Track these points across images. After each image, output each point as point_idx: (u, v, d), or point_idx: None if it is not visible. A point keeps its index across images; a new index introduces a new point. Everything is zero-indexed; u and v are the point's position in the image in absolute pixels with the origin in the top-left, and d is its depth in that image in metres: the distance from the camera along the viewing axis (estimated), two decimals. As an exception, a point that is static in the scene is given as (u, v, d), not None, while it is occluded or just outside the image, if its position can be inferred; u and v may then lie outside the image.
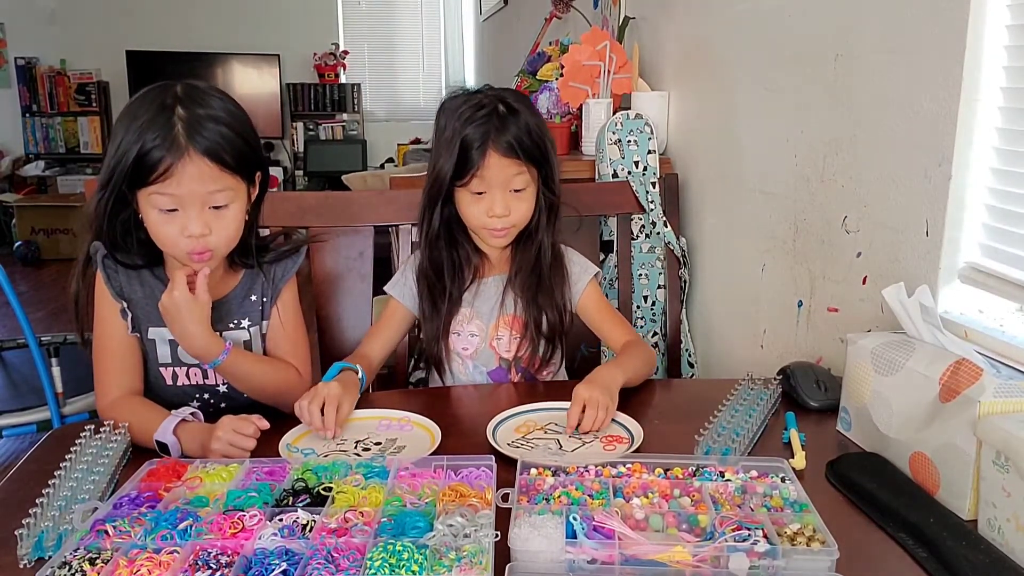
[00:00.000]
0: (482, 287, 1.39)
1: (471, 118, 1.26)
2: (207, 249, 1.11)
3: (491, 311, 1.38)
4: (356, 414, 1.16)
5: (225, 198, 1.11)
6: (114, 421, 1.04)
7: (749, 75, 1.63)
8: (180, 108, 1.07)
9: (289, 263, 1.27)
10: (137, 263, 1.18)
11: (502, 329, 1.38)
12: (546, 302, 1.36)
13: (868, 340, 1.05)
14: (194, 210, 1.08)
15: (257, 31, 6.49)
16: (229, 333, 1.22)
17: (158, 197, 1.07)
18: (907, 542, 0.83)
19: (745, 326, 1.68)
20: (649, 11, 2.20)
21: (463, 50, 6.30)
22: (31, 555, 0.79)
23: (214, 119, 1.08)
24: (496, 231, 1.31)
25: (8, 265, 2.63)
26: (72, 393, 2.46)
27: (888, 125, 1.19)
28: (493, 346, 1.39)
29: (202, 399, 1.23)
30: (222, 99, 1.12)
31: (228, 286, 1.24)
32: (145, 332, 1.19)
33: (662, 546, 0.75)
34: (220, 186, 1.09)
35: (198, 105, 1.08)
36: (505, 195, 1.28)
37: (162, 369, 1.21)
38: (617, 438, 1.08)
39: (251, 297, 1.24)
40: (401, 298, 1.40)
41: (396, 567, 0.72)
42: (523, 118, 1.27)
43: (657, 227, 1.83)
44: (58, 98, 6.40)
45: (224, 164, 1.08)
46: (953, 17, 1.05)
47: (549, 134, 1.33)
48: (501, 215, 1.28)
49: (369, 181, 5.08)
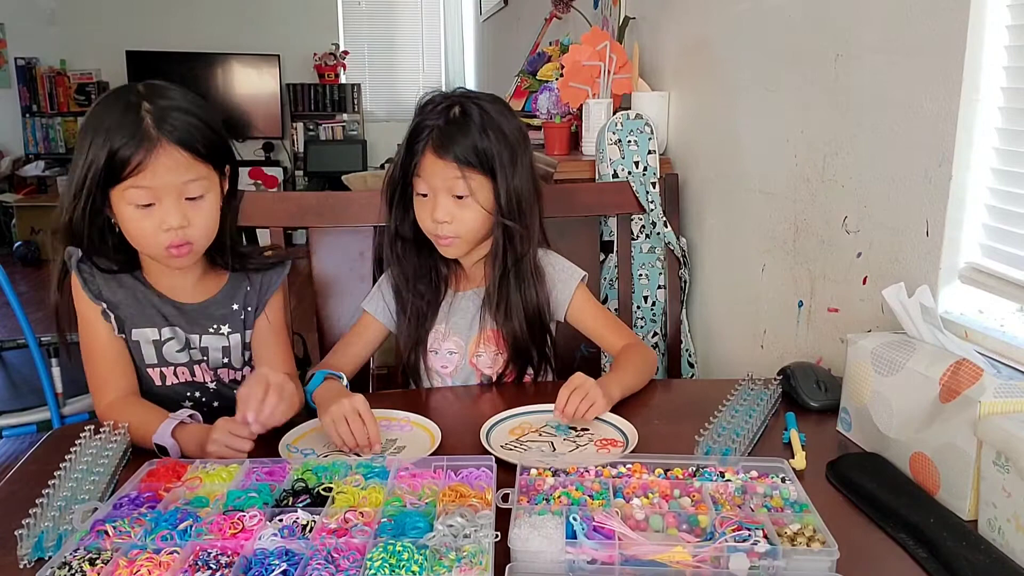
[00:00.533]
0: (457, 301, 1.35)
1: (422, 114, 1.25)
2: (186, 242, 1.11)
3: (469, 327, 1.34)
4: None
5: (200, 188, 1.11)
6: (115, 422, 1.04)
7: (749, 75, 1.63)
8: (146, 103, 1.07)
9: (275, 275, 1.26)
10: (113, 268, 1.17)
11: (483, 345, 1.34)
12: (525, 317, 1.31)
13: (868, 340, 1.05)
14: (170, 201, 1.08)
15: (257, 31, 6.49)
16: (208, 338, 1.21)
17: (134, 192, 1.07)
18: (907, 542, 0.83)
19: (745, 326, 1.68)
20: (649, 11, 2.20)
21: (463, 50, 6.30)
22: (31, 555, 0.79)
23: (181, 109, 1.09)
24: (441, 238, 1.26)
25: (8, 265, 2.63)
26: (72, 393, 2.45)
27: (888, 125, 1.19)
28: (474, 363, 1.35)
29: (193, 397, 1.23)
30: (184, 92, 1.13)
31: (210, 290, 1.23)
32: (129, 334, 1.18)
33: (662, 546, 0.75)
34: (194, 175, 1.09)
35: (162, 98, 1.09)
36: (448, 200, 1.23)
37: (150, 370, 1.20)
38: (611, 441, 1.08)
39: (233, 306, 1.23)
40: (375, 312, 1.35)
41: (396, 567, 0.72)
42: (474, 125, 1.21)
43: (657, 227, 1.83)
44: (58, 98, 6.40)
45: (196, 152, 1.09)
46: (953, 17, 1.05)
47: (513, 145, 1.24)
48: (442, 220, 1.23)
49: (369, 181, 5.08)
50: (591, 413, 1.11)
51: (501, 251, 1.28)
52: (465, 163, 1.21)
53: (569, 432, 1.10)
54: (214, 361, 1.23)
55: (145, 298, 1.19)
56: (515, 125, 1.27)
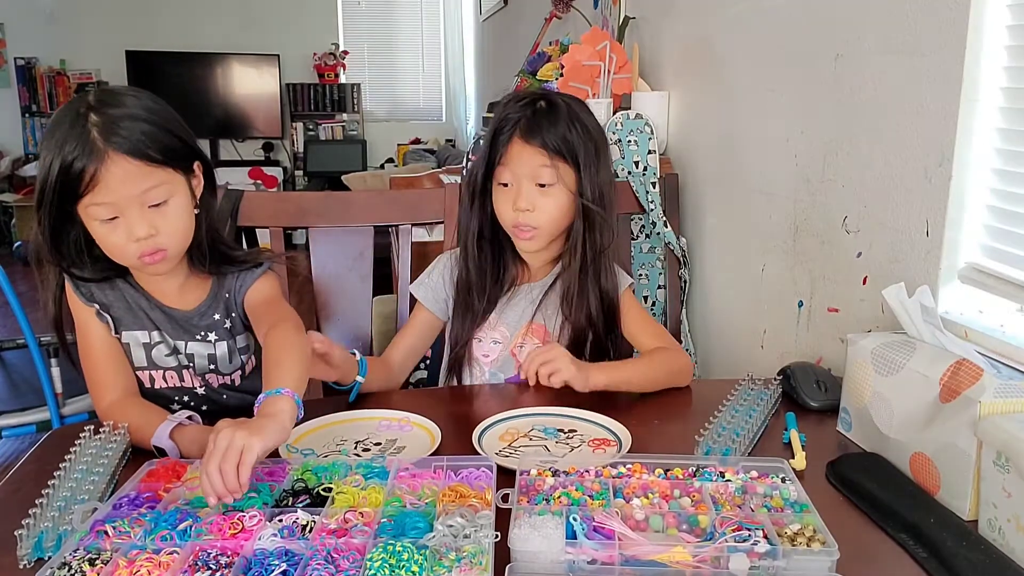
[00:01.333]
0: (515, 294, 1.37)
1: (505, 109, 1.26)
2: (158, 249, 1.09)
3: (519, 318, 1.35)
4: (356, 414, 1.16)
5: (162, 194, 1.07)
6: (115, 422, 1.04)
7: (749, 75, 1.63)
8: (93, 115, 1.03)
9: (247, 276, 1.23)
10: (96, 278, 1.15)
11: (527, 337, 1.35)
12: (602, 310, 1.31)
13: (868, 340, 1.05)
14: (133, 212, 1.05)
15: (257, 31, 6.49)
16: (194, 344, 1.21)
17: (94, 208, 1.05)
18: (907, 542, 0.83)
19: (745, 326, 1.68)
20: (649, 11, 2.20)
21: (463, 50, 6.29)
22: (31, 555, 0.79)
23: (130, 116, 1.05)
24: (522, 229, 1.27)
25: (8, 265, 2.62)
26: (71, 393, 2.45)
27: (888, 125, 1.19)
28: (514, 353, 1.36)
29: (182, 401, 1.23)
30: (137, 96, 1.09)
31: (196, 295, 1.21)
32: (120, 336, 1.18)
33: (662, 546, 0.75)
34: (153, 182, 1.06)
35: (110, 107, 1.05)
36: (531, 188, 1.24)
37: (140, 373, 1.20)
38: (604, 440, 1.07)
39: (215, 316, 1.22)
40: (425, 301, 1.37)
41: (396, 567, 0.72)
42: (562, 114, 1.24)
43: (657, 227, 1.83)
44: (58, 98, 6.40)
45: (150, 159, 1.05)
46: (953, 17, 1.05)
47: (597, 141, 1.27)
48: (525, 209, 1.24)
49: (369, 181, 5.10)
50: (554, 379, 1.17)
51: (581, 242, 1.29)
52: (554, 150, 1.23)
53: (559, 435, 1.10)
54: (200, 367, 1.22)
55: (135, 302, 1.18)
56: (597, 124, 1.30)
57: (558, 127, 1.23)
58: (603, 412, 1.13)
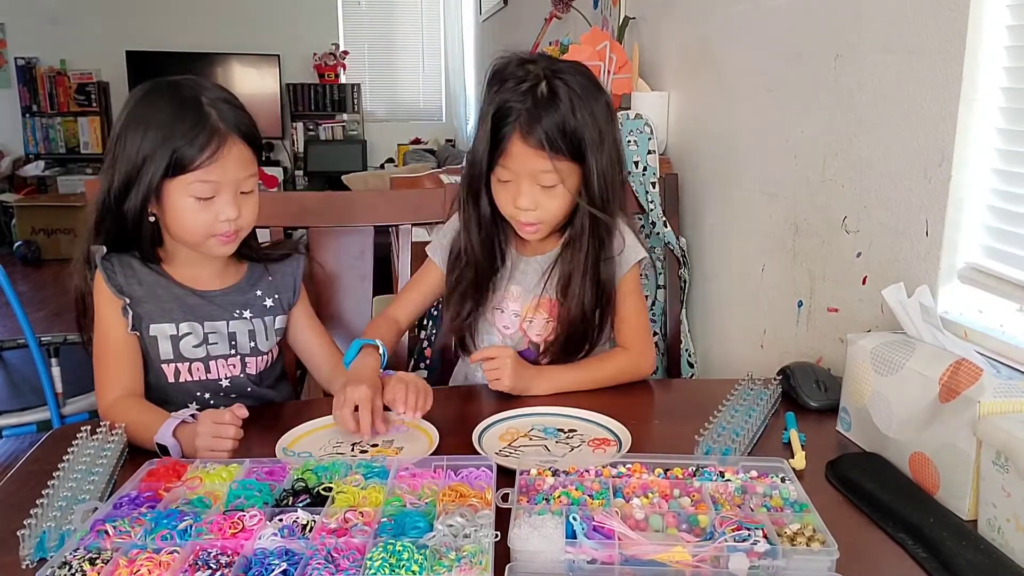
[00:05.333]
0: (524, 264, 1.34)
1: (502, 88, 1.18)
2: (235, 231, 1.16)
3: (527, 292, 1.33)
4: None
5: (253, 183, 1.17)
6: (111, 422, 1.04)
7: (749, 75, 1.63)
8: (204, 97, 1.11)
9: (295, 265, 1.32)
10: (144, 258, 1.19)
11: (536, 311, 1.32)
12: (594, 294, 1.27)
13: (868, 340, 1.05)
14: (229, 194, 1.13)
15: (257, 31, 6.49)
16: (235, 323, 1.24)
17: (199, 185, 1.11)
18: (907, 542, 0.83)
19: (745, 326, 1.68)
20: (649, 11, 2.20)
21: (463, 50, 6.29)
22: (33, 555, 0.79)
23: (234, 104, 1.14)
24: (524, 224, 1.23)
25: (8, 265, 2.63)
26: (72, 393, 2.46)
27: (888, 125, 1.19)
28: (523, 328, 1.34)
29: (202, 399, 1.23)
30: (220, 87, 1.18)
31: (234, 277, 1.27)
32: (147, 330, 1.19)
33: (662, 546, 0.75)
34: (252, 170, 1.16)
35: (211, 92, 1.13)
36: (532, 187, 1.19)
37: (164, 366, 1.21)
38: (604, 440, 1.07)
39: (257, 292, 1.27)
40: (434, 257, 1.36)
41: (396, 567, 0.72)
42: (563, 106, 1.15)
43: (657, 227, 1.83)
44: (58, 98, 6.40)
45: (255, 147, 1.16)
46: (953, 17, 1.05)
47: (602, 130, 1.19)
48: (527, 208, 1.20)
49: (369, 181, 5.09)
50: (494, 384, 1.20)
51: (582, 238, 1.25)
52: (556, 150, 1.16)
53: (559, 434, 1.10)
54: (242, 346, 1.24)
55: (166, 291, 1.20)
56: (603, 99, 1.22)
57: (560, 122, 1.15)
58: (603, 412, 1.13)
